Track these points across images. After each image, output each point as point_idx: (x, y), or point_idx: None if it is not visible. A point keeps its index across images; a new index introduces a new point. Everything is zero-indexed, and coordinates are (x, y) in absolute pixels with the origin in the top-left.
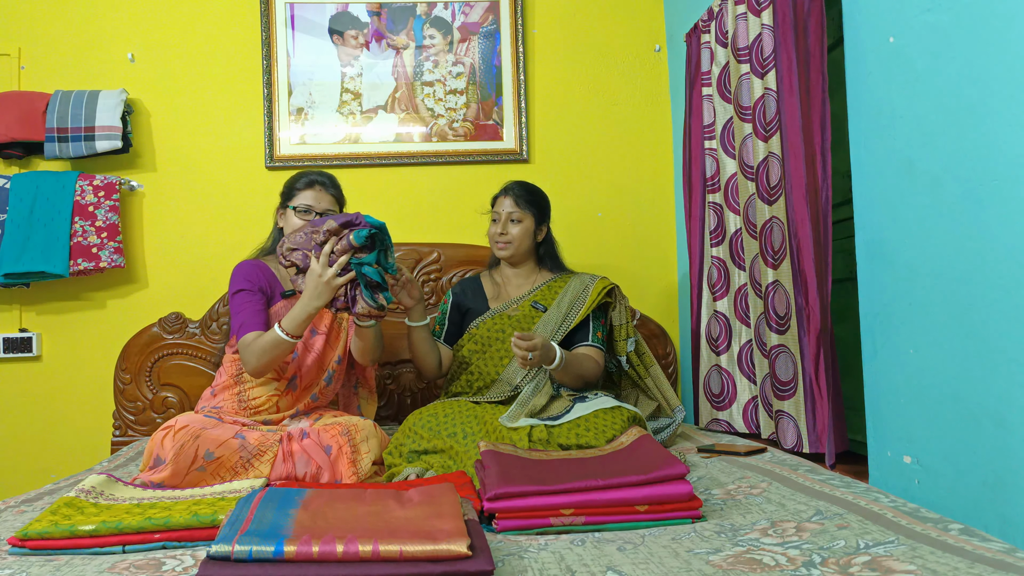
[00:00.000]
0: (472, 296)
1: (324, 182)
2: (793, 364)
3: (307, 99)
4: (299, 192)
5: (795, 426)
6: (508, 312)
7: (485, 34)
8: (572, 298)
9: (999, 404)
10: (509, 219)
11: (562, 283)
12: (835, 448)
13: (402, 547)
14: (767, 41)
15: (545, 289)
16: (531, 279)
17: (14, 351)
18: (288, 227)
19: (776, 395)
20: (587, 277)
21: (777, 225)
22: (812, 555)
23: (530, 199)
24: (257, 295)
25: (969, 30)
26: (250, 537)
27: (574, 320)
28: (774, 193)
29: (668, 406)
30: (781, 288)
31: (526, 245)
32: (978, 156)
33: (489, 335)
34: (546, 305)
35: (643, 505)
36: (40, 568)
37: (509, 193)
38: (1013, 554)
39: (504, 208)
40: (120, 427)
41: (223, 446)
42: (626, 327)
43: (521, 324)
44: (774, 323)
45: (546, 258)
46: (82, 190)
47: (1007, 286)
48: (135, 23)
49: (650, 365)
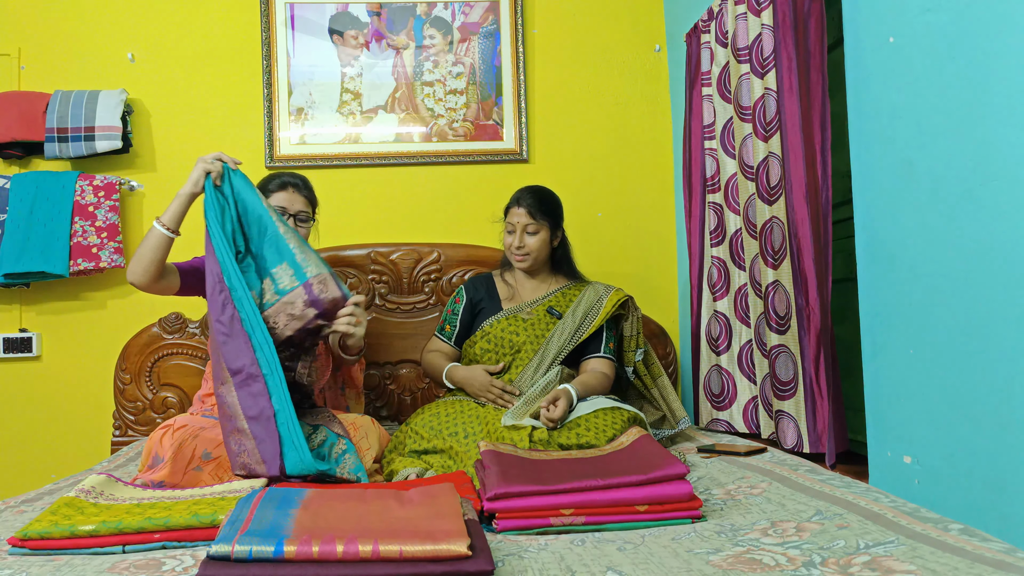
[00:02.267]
0: (486, 294)
1: (297, 183)
2: (793, 364)
3: (307, 99)
4: (272, 193)
5: (795, 426)
6: (522, 315)
7: (485, 34)
8: (586, 308)
9: (999, 404)
10: (525, 231)
11: (576, 291)
12: (836, 448)
13: (402, 547)
14: (767, 41)
15: (560, 296)
16: (546, 284)
17: (14, 351)
18: None
19: (776, 395)
20: (601, 287)
21: (777, 225)
22: (812, 555)
23: (545, 208)
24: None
25: (969, 30)
26: (250, 537)
27: (587, 331)
28: (774, 193)
29: (673, 418)
30: (781, 288)
31: (544, 255)
32: (978, 156)
33: (503, 337)
34: (561, 312)
35: (643, 505)
36: (40, 568)
37: (523, 204)
38: (1013, 554)
39: (519, 220)
40: (120, 427)
41: (221, 446)
42: (636, 338)
43: (536, 329)
44: (774, 323)
45: (562, 262)
46: (82, 190)
47: (1007, 286)
48: (135, 23)
49: (657, 376)
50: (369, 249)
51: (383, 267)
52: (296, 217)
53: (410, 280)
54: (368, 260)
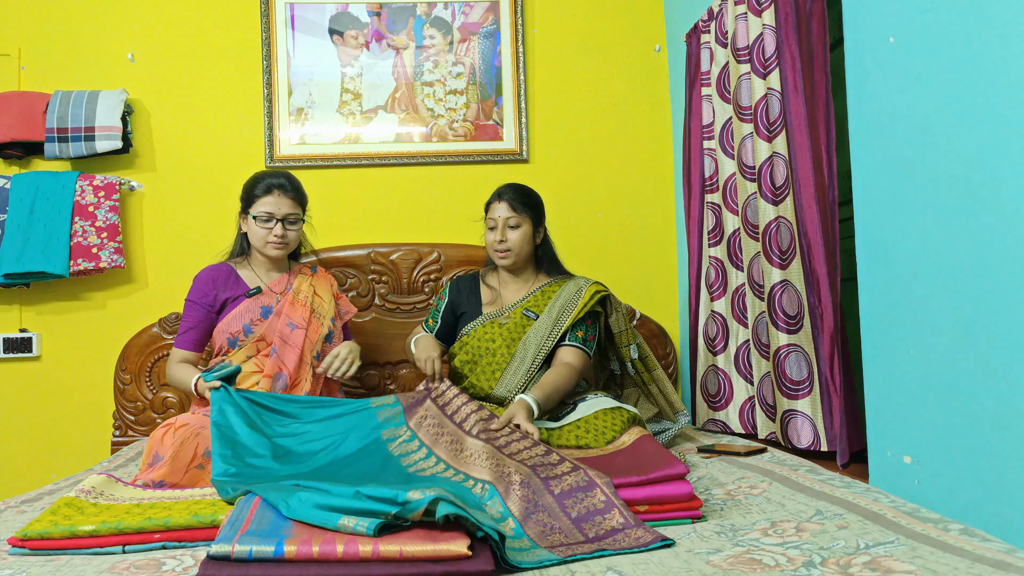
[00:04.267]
0: (468, 298)
1: (283, 184)
2: (807, 363)
3: (307, 99)
4: (258, 199)
5: (811, 425)
6: (500, 320)
7: (485, 34)
8: (564, 303)
9: (999, 404)
10: (507, 225)
11: (556, 287)
12: (852, 447)
13: (402, 547)
14: (769, 41)
15: (539, 295)
16: (528, 284)
17: (14, 351)
18: (252, 235)
19: (786, 394)
20: (582, 281)
21: (784, 225)
22: (812, 555)
23: (526, 201)
24: (201, 310)
25: (969, 30)
26: (250, 537)
27: (563, 327)
28: (780, 193)
29: (671, 410)
30: (791, 288)
31: (527, 251)
32: (978, 156)
33: (479, 345)
34: (537, 313)
35: (643, 505)
36: (40, 568)
37: (504, 197)
38: (1013, 554)
39: (500, 213)
40: (120, 427)
41: None
42: (626, 333)
43: (512, 333)
44: (782, 323)
45: (544, 260)
46: (82, 190)
47: (1007, 286)
48: (135, 23)
49: (653, 369)
50: (369, 249)
51: (383, 267)
52: (285, 221)
53: (410, 280)
54: (368, 260)
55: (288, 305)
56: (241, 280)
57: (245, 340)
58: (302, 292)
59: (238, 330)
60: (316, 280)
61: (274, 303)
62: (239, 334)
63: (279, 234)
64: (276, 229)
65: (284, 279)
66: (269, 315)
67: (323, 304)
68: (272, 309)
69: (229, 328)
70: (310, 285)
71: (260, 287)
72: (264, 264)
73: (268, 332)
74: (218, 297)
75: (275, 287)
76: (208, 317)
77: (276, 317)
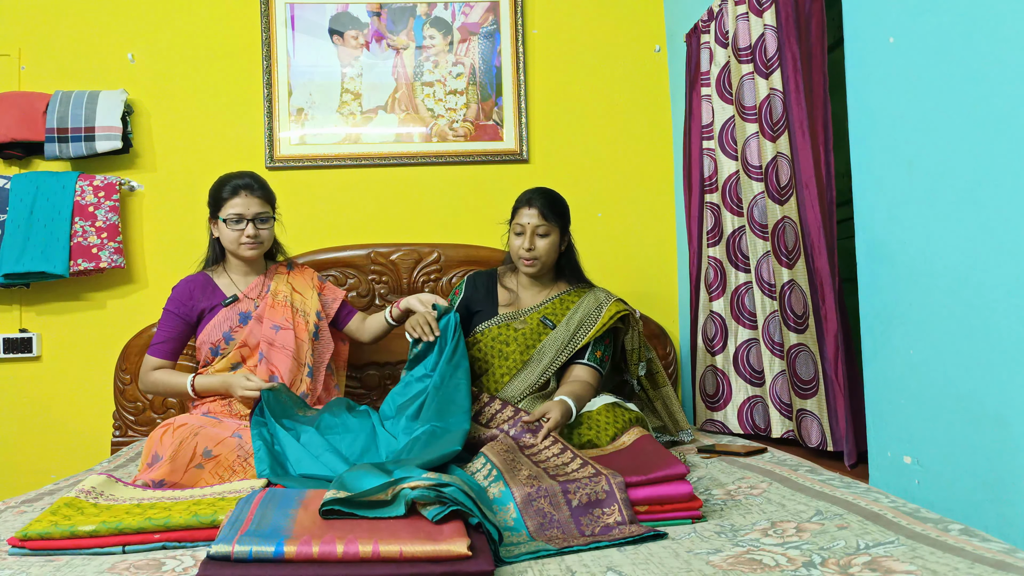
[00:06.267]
0: (484, 296)
1: (250, 184)
2: (814, 363)
3: (307, 99)
4: (226, 202)
5: (819, 425)
6: (516, 324)
7: (485, 34)
8: (582, 317)
9: (999, 404)
10: (535, 233)
11: (576, 297)
12: (857, 447)
13: (402, 547)
14: (770, 41)
15: (557, 302)
16: (547, 290)
17: (14, 351)
18: (224, 238)
19: (798, 393)
20: (603, 295)
21: (789, 225)
22: (812, 555)
23: (556, 209)
24: (179, 321)
25: (969, 30)
26: (250, 537)
27: (580, 342)
28: (784, 193)
29: (674, 427)
30: (797, 287)
31: (552, 259)
32: (978, 156)
33: (493, 346)
34: (555, 322)
35: (643, 505)
36: (40, 568)
37: (534, 204)
38: (1013, 554)
39: (529, 220)
40: (120, 427)
41: (221, 444)
42: (639, 351)
43: (527, 339)
44: (792, 322)
45: (566, 267)
46: (82, 190)
47: (1007, 286)
48: (135, 23)
49: (662, 385)
50: (369, 249)
51: (383, 267)
52: (256, 220)
53: (410, 280)
54: (368, 260)
55: (268, 308)
56: (218, 289)
57: (227, 348)
58: (280, 293)
59: (218, 339)
60: (293, 277)
61: (252, 309)
62: (220, 343)
63: (251, 234)
64: (248, 229)
65: (260, 282)
66: (248, 320)
67: (305, 301)
68: (251, 315)
69: (210, 338)
70: (287, 284)
71: (236, 295)
72: (240, 268)
73: (251, 338)
74: (195, 308)
75: (251, 293)
76: (185, 328)
77: (258, 323)
